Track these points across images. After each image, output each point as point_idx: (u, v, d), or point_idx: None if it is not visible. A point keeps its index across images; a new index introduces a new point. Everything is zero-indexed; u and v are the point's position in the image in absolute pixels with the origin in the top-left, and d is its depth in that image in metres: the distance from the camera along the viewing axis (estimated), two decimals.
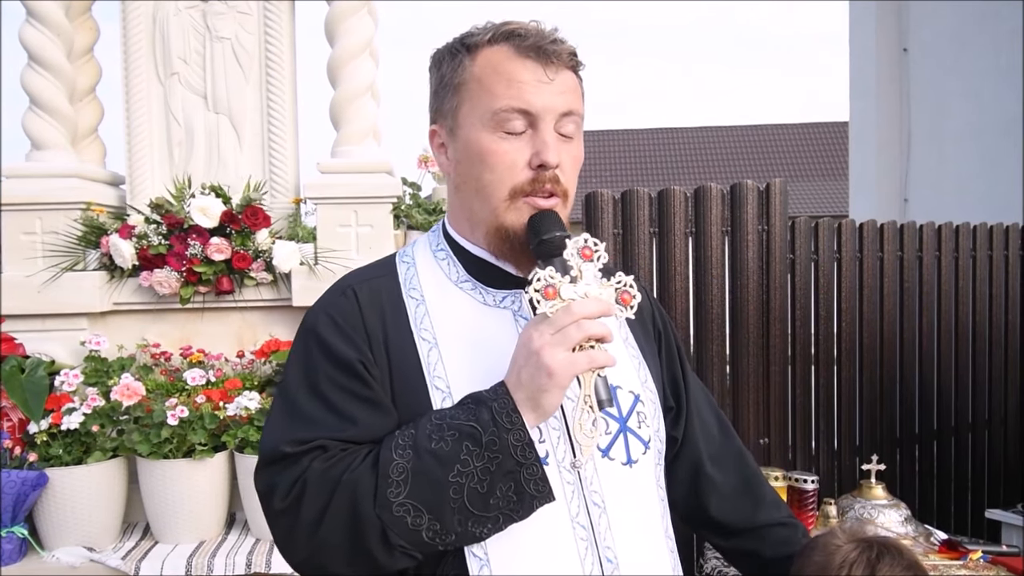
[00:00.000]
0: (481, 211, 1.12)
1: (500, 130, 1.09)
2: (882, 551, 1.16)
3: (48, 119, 2.80)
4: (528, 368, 1.00)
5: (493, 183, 1.10)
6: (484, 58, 1.10)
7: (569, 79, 1.12)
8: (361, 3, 2.87)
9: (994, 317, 4.11)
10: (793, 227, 3.21)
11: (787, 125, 24.01)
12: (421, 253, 1.20)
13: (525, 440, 1.00)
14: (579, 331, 0.99)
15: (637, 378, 1.20)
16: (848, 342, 3.46)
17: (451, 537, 1.00)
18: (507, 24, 1.11)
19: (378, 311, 1.12)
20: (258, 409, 2.55)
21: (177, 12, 2.91)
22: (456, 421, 1.01)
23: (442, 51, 1.16)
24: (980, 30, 7.07)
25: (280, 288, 2.82)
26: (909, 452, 3.78)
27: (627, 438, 1.14)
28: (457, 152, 1.14)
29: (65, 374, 2.56)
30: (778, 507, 1.36)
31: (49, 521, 2.48)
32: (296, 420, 1.07)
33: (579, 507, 1.08)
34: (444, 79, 1.14)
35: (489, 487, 0.99)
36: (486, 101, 1.09)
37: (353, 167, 2.86)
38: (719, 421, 1.37)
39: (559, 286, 1.02)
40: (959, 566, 2.23)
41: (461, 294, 1.15)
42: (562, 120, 1.10)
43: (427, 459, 0.99)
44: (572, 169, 1.12)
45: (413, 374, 1.09)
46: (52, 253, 2.75)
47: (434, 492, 0.99)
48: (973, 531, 3.89)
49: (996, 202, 6.41)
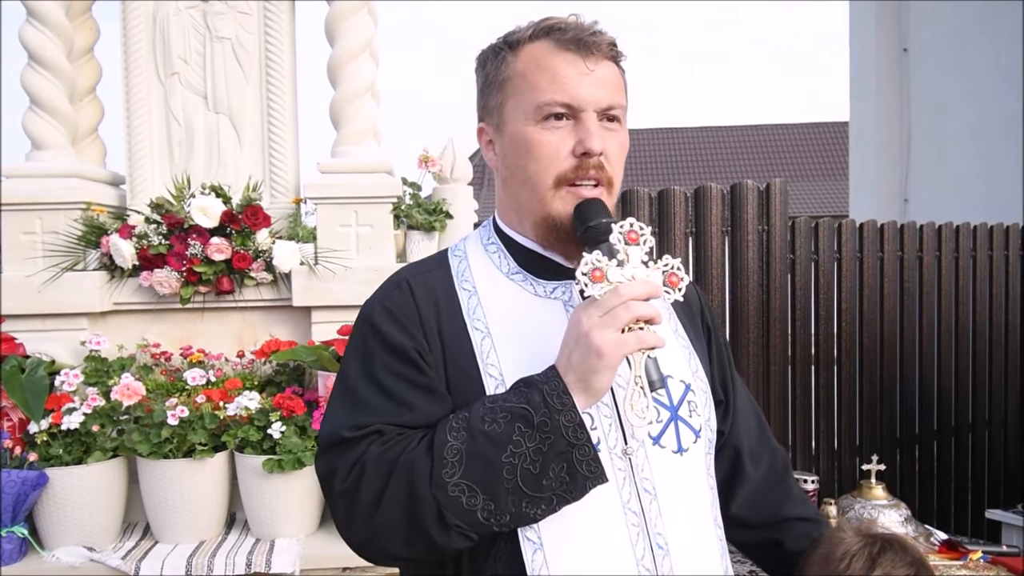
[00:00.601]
0: (528, 202, 1.15)
1: (544, 122, 1.12)
2: (885, 546, 1.15)
3: (48, 119, 2.80)
4: (578, 350, 1.02)
5: (539, 173, 1.12)
6: (526, 54, 1.14)
7: (610, 69, 1.14)
8: (361, 3, 2.87)
9: (994, 317, 4.11)
10: (793, 227, 3.22)
11: (787, 125, 24.00)
12: (472, 247, 1.23)
13: (576, 421, 1.02)
14: (627, 312, 1.01)
15: (688, 368, 1.22)
16: (848, 342, 3.46)
17: (506, 517, 1.02)
18: (547, 20, 1.15)
19: (432, 302, 1.15)
20: (258, 409, 2.55)
21: (177, 12, 2.91)
22: (508, 404, 1.04)
23: (486, 51, 1.20)
24: (980, 30, 7.07)
25: (280, 288, 2.82)
26: (909, 452, 3.78)
27: (678, 427, 1.16)
28: (504, 147, 1.17)
29: (65, 374, 2.56)
30: (804, 504, 1.38)
31: (49, 521, 2.48)
32: (355, 406, 1.11)
33: (630, 493, 1.09)
34: (489, 77, 1.18)
35: (542, 468, 1.01)
36: (530, 95, 1.12)
37: (353, 167, 2.86)
38: (757, 419, 1.40)
39: (606, 269, 1.03)
40: (959, 566, 2.23)
41: (512, 285, 1.18)
42: (605, 110, 1.12)
43: (480, 440, 1.02)
44: (617, 157, 1.15)
45: (467, 362, 1.12)
46: (52, 253, 2.75)
47: (488, 472, 1.01)
48: (973, 531, 3.89)
49: (996, 202, 6.41)
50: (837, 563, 1.15)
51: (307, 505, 2.59)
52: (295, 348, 2.72)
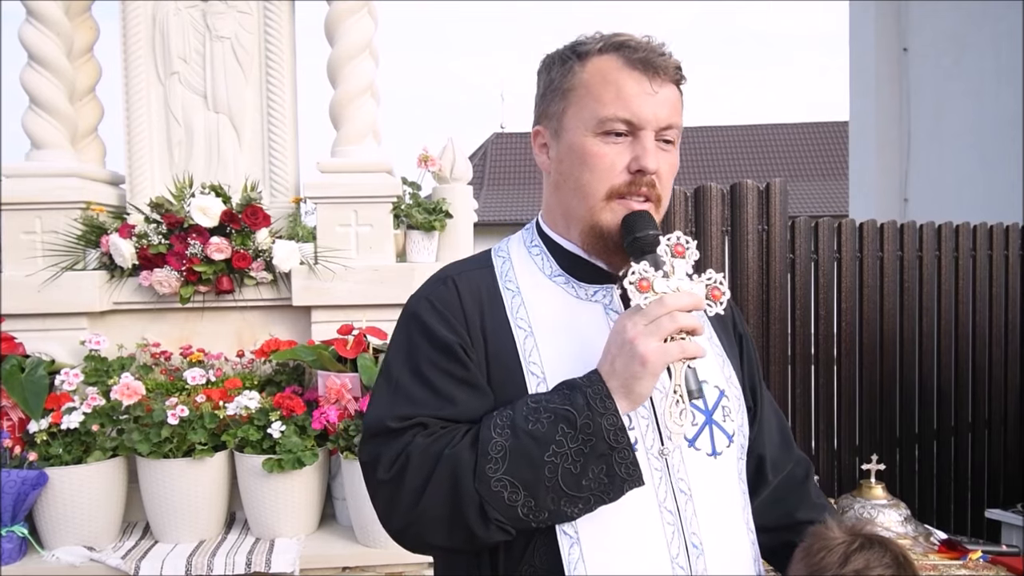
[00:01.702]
0: (578, 209, 1.18)
1: (604, 135, 1.14)
2: (864, 544, 1.16)
3: (48, 118, 2.80)
4: (622, 357, 1.05)
5: (592, 183, 1.15)
6: (594, 66, 1.16)
7: (672, 93, 1.17)
8: (361, 3, 2.87)
9: (994, 317, 4.11)
10: (793, 227, 3.21)
11: (787, 125, 23.98)
12: (515, 248, 1.27)
13: (618, 425, 1.05)
14: (672, 322, 1.04)
15: (722, 374, 1.25)
16: (848, 342, 3.46)
17: (544, 515, 1.06)
18: (618, 35, 1.17)
19: (476, 299, 1.19)
20: (258, 408, 2.55)
21: (177, 11, 2.91)
22: (552, 404, 1.07)
23: (552, 57, 1.22)
24: (980, 30, 7.07)
25: (280, 287, 2.82)
26: (909, 452, 3.78)
27: (712, 430, 1.19)
28: (560, 153, 1.20)
29: (65, 373, 2.56)
30: (822, 509, 1.37)
31: (49, 520, 2.48)
32: (399, 398, 1.14)
33: (666, 493, 1.12)
34: (553, 83, 1.20)
35: (582, 468, 1.04)
36: (592, 107, 1.15)
37: (353, 167, 2.86)
38: (781, 428, 1.41)
39: (653, 280, 1.07)
40: (959, 566, 2.23)
41: (554, 287, 1.21)
42: (662, 131, 1.15)
43: (524, 439, 1.05)
44: (668, 176, 1.18)
45: (510, 359, 1.15)
46: (52, 252, 2.75)
47: (530, 470, 1.04)
48: (973, 531, 3.89)
49: (996, 202, 6.41)
50: (815, 555, 1.16)
51: (307, 505, 2.59)
52: (295, 347, 2.72)
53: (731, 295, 3.18)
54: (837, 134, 22.06)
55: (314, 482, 2.59)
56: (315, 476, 2.59)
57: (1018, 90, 6.58)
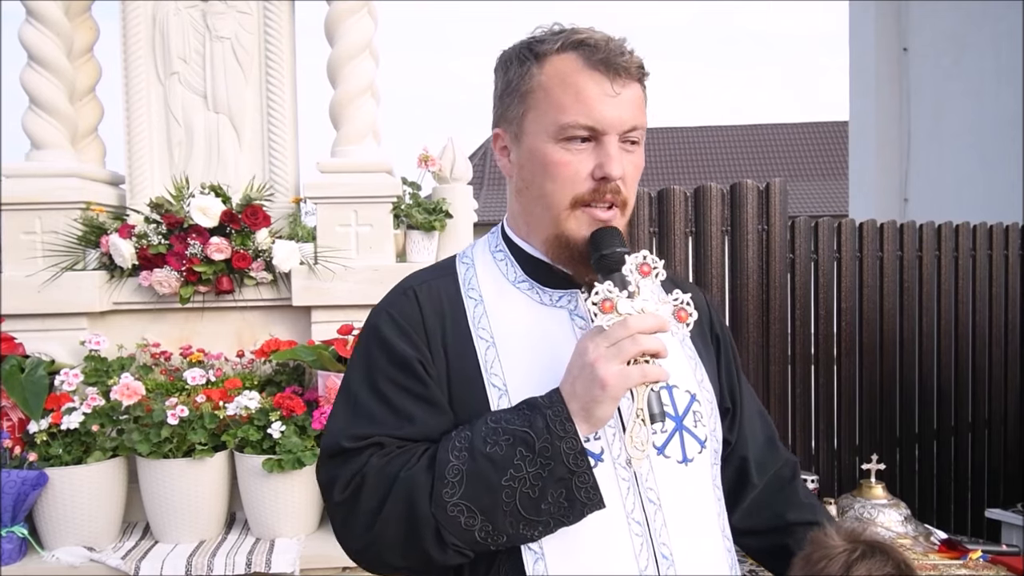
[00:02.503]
0: (542, 217, 1.15)
1: (565, 142, 1.10)
2: (866, 552, 1.13)
3: (48, 119, 2.80)
4: (582, 379, 1.03)
5: (555, 192, 1.12)
6: (552, 67, 1.11)
7: (635, 92, 1.13)
8: (361, 3, 2.87)
9: (994, 317, 4.11)
10: (793, 227, 3.22)
11: (787, 124, 23.98)
12: (480, 254, 1.24)
13: (577, 448, 1.03)
14: (634, 345, 1.01)
15: (694, 378, 1.22)
16: (848, 342, 3.46)
17: (503, 538, 1.04)
18: (576, 33, 1.12)
19: (438, 311, 1.16)
20: (258, 409, 2.55)
21: (177, 12, 2.91)
22: (511, 426, 1.04)
23: (509, 55, 1.17)
24: (980, 30, 7.07)
25: (280, 288, 2.82)
26: (909, 451, 3.78)
27: (683, 436, 1.16)
28: (520, 158, 1.16)
29: (65, 374, 2.56)
30: (812, 509, 1.35)
31: (49, 521, 2.48)
32: (356, 416, 1.13)
33: (634, 504, 1.10)
34: (511, 85, 1.16)
35: (541, 492, 1.02)
36: (553, 113, 1.10)
37: (353, 167, 2.86)
38: (766, 428, 1.38)
39: (616, 300, 1.04)
40: (959, 565, 2.23)
41: (518, 294, 1.18)
42: (626, 133, 1.12)
43: (482, 462, 1.03)
44: (633, 178, 1.15)
45: (471, 373, 1.12)
46: (52, 253, 2.75)
47: (487, 495, 1.02)
48: (973, 530, 3.89)
49: (996, 202, 6.41)
50: (815, 564, 1.14)
51: (307, 505, 2.59)
52: (295, 348, 2.72)
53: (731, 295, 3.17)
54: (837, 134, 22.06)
55: (314, 482, 2.59)
56: (315, 476, 2.59)
57: (1018, 90, 6.58)
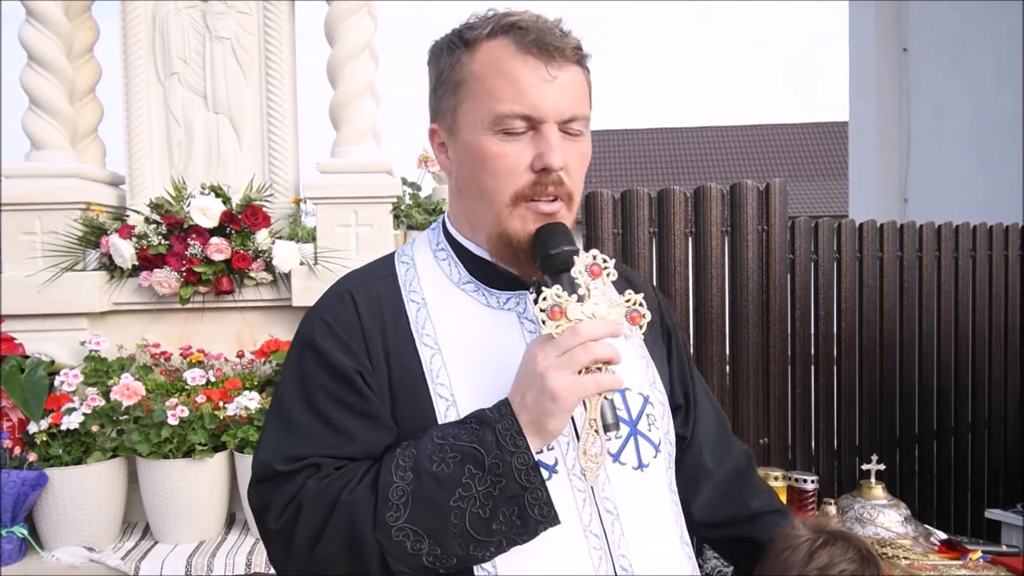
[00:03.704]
0: (484, 215, 1.08)
1: (501, 132, 1.03)
2: (828, 540, 1.13)
3: (48, 119, 2.80)
4: (532, 391, 0.96)
5: (495, 188, 1.05)
6: (483, 54, 1.04)
7: (574, 75, 1.05)
8: (361, 3, 2.87)
9: (994, 317, 4.11)
10: (793, 227, 3.21)
11: (787, 125, 24.00)
12: (421, 253, 1.16)
13: (530, 463, 0.96)
14: (586, 353, 0.95)
15: (646, 379, 1.17)
16: (848, 342, 3.46)
17: (452, 561, 0.98)
18: (507, 16, 1.05)
19: (378, 317, 1.08)
20: (258, 409, 2.55)
21: (177, 12, 2.91)
22: (459, 442, 0.97)
23: (440, 45, 1.10)
24: (980, 30, 7.07)
25: (280, 288, 2.82)
26: (909, 452, 3.78)
27: (637, 441, 1.11)
28: (458, 153, 1.09)
29: (65, 374, 2.56)
30: (771, 496, 1.34)
31: (49, 521, 2.48)
32: (290, 435, 1.04)
33: (591, 515, 1.04)
34: (442, 76, 1.09)
35: (492, 512, 0.96)
36: (486, 102, 1.03)
37: (353, 167, 2.86)
38: (718, 419, 1.35)
39: (566, 306, 0.97)
40: (959, 566, 2.22)
41: (463, 296, 1.11)
42: (566, 123, 1.05)
43: (428, 482, 0.96)
44: (578, 168, 1.07)
45: (415, 382, 1.05)
46: (52, 253, 2.75)
47: (435, 517, 0.96)
48: (973, 531, 3.89)
49: (996, 202, 6.41)
50: (780, 554, 1.14)
51: None
52: None
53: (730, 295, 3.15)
54: (837, 134, 22.07)
55: None
56: None
57: (1018, 90, 6.58)
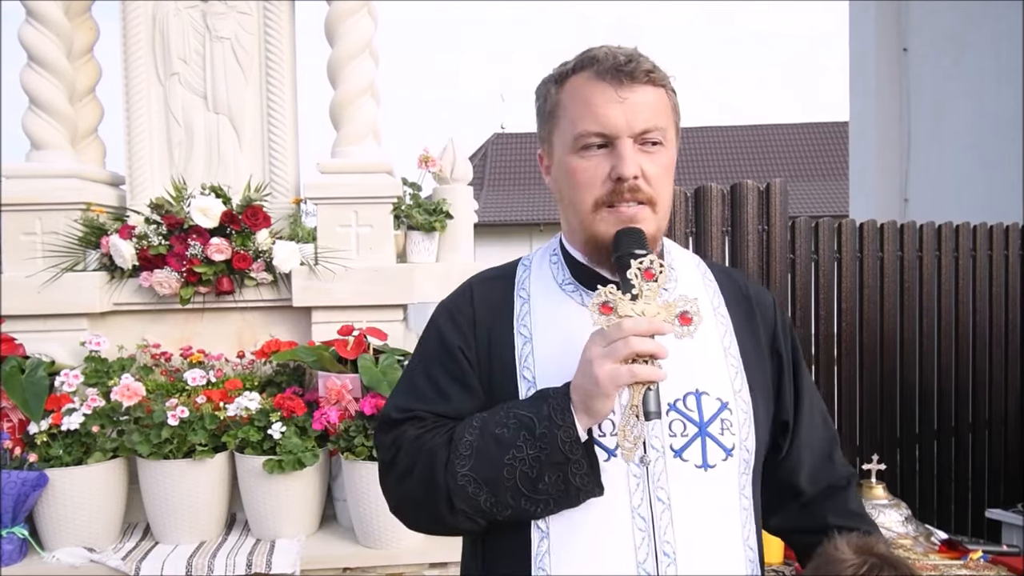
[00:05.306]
0: (576, 223, 1.24)
1: (582, 151, 1.19)
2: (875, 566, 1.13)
3: (48, 119, 2.80)
4: (580, 374, 1.11)
5: (580, 198, 1.21)
6: (569, 86, 1.22)
7: (648, 94, 1.19)
8: (361, 3, 2.87)
9: (994, 317, 4.10)
10: (793, 227, 3.21)
11: (787, 125, 23.97)
12: (539, 258, 1.35)
13: (573, 437, 1.11)
14: (626, 347, 1.07)
15: (731, 387, 1.23)
16: (848, 342, 3.45)
17: (507, 511, 1.15)
18: (588, 52, 1.22)
19: (489, 306, 1.29)
20: (258, 409, 2.55)
21: (177, 12, 2.91)
22: (520, 411, 1.15)
23: (541, 83, 1.29)
24: (980, 30, 7.06)
25: (280, 288, 2.82)
26: (909, 452, 3.78)
27: (705, 442, 1.19)
28: (555, 172, 1.27)
29: (65, 374, 2.56)
30: (859, 519, 1.34)
31: (49, 521, 2.48)
32: (406, 392, 1.29)
33: (642, 499, 1.15)
34: (542, 109, 1.28)
35: (538, 473, 1.12)
36: (569, 126, 1.21)
37: (353, 167, 2.85)
38: (827, 441, 1.37)
39: (616, 303, 1.10)
40: (959, 566, 2.22)
41: (563, 295, 1.27)
42: (642, 134, 1.18)
43: (489, 440, 1.15)
44: (657, 176, 1.20)
45: (507, 364, 1.23)
46: (52, 253, 2.75)
47: (491, 469, 1.14)
48: (973, 531, 3.89)
49: (996, 202, 6.40)
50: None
51: (307, 505, 2.59)
52: (295, 348, 2.72)
53: None
54: (837, 134, 22.06)
55: (315, 483, 2.59)
56: (316, 477, 2.59)
57: (1018, 90, 6.57)
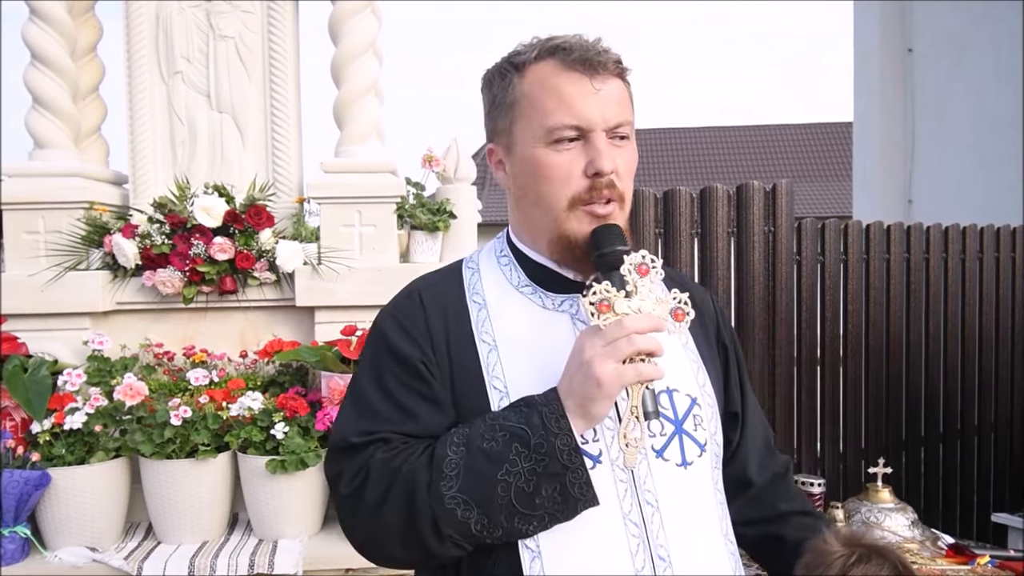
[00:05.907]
0: (542, 221, 1.17)
1: (554, 144, 1.13)
2: (864, 555, 1.12)
3: (51, 118, 2.79)
4: (578, 377, 1.05)
5: (552, 195, 1.15)
6: (532, 75, 1.15)
7: (616, 87, 1.15)
8: (365, 2, 2.86)
9: (1000, 319, 4.09)
10: (799, 228, 3.20)
11: (791, 125, 23.95)
12: (485, 259, 1.27)
13: (572, 445, 1.05)
14: (629, 345, 1.03)
15: (696, 382, 1.23)
16: (854, 344, 3.44)
17: (498, 532, 1.06)
18: (551, 39, 1.16)
19: (441, 314, 1.19)
20: (261, 409, 2.54)
21: (180, 11, 2.90)
22: (507, 423, 1.07)
23: (492, 71, 1.22)
24: (980, 30, 7.04)
25: (283, 288, 2.81)
26: (915, 455, 3.76)
27: (682, 440, 1.17)
28: (515, 167, 1.20)
29: (68, 374, 2.55)
30: (803, 500, 1.39)
31: (52, 521, 2.47)
32: (363, 413, 1.17)
33: (632, 505, 1.11)
34: (496, 99, 1.20)
35: (535, 487, 1.05)
36: (538, 118, 1.14)
37: (357, 167, 2.85)
38: (764, 430, 1.41)
39: (613, 300, 1.06)
40: (967, 571, 2.21)
41: (521, 298, 1.21)
42: (613, 129, 1.14)
43: (478, 457, 1.06)
44: (627, 172, 1.17)
45: (473, 375, 1.15)
46: (55, 252, 2.74)
47: (483, 488, 1.05)
48: (979, 535, 3.87)
49: (996, 202, 6.39)
50: (813, 569, 1.13)
51: (310, 506, 2.58)
52: (298, 348, 2.71)
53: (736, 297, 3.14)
54: (841, 135, 22.03)
55: (317, 483, 2.58)
56: (318, 477, 2.58)
57: (1018, 90, 6.56)
